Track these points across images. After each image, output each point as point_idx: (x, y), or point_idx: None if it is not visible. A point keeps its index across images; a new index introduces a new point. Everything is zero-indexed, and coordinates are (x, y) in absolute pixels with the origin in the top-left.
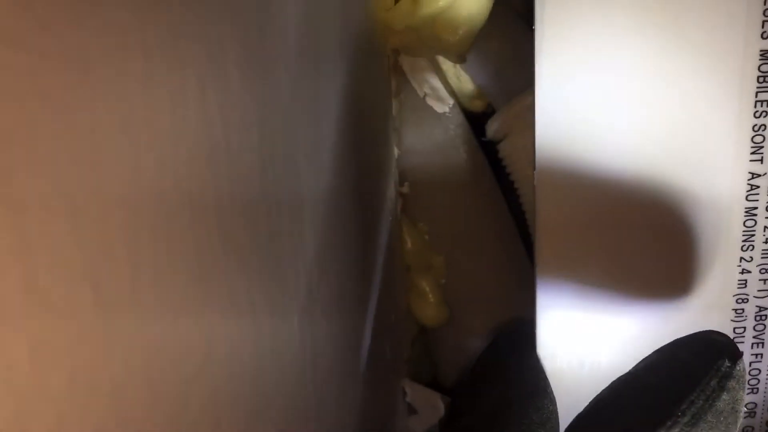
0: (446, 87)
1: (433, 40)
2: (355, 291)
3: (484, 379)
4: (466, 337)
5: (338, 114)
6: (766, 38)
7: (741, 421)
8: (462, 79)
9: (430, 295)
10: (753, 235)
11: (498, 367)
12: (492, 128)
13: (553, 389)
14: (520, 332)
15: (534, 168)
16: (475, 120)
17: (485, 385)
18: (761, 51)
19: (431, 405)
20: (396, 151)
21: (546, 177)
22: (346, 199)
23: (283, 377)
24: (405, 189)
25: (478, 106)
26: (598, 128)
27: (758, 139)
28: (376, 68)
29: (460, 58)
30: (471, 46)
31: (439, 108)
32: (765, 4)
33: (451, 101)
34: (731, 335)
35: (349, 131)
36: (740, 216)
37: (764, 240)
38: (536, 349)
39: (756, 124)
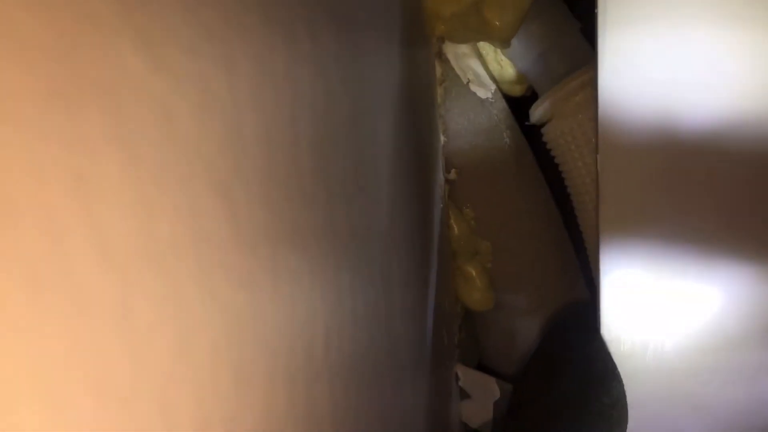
0: (489, 73)
1: (479, 26)
2: (418, 274)
3: (550, 366)
4: (513, 321)
5: (393, 103)
6: None
7: None
8: (503, 64)
9: (477, 280)
10: None
11: (563, 354)
12: (536, 113)
13: None
14: (579, 316)
15: (596, 138)
16: (517, 105)
17: (552, 372)
18: None
19: (485, 389)
20: (442, 138)
21: (610, 145)
22: (405, 185)
23: (371, 346)
24: (452, 175)
25: (518, 90)
26: (663, 94)
27: None
28: (424, 56)
29: (505, 44)
30: (517, 30)
31: (483, 94)
32: None
33: (493, 87)
34: None
35: (404, 120)
36: None
37: None
38: (600, 331)
39: None
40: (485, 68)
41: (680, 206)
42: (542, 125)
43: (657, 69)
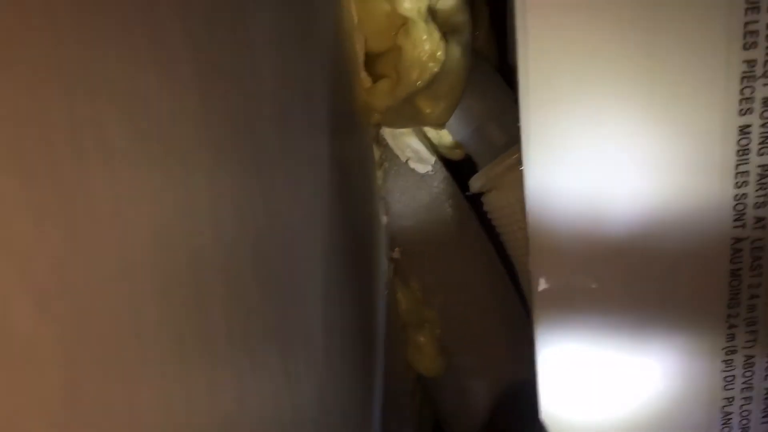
0: (425, 142)
1: (414, 115)
2: (361, 352)
3: None
4: (465, 382)
5: (330, 191)
6: (743, 114)
7: None
8: (441, 133)
9: (427, 347)
10: (738, 294)
11: None
12: (476, 185)
13: None
14: (522, 397)
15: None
16: (459, 173)
17: None
18: (739, 127)
19: None
20: (384, 219)
21: (539, 236)
22: (342, 272)
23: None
24: (396, 254)
25: (458, 154)
26: (590, 182)
27: (740, 207)
28: (360, 144)
29: (440, 126)
30: (451, 115)
31: (422, 169)
32: (741, 83)
33: (433, 159)
34: (722, 384)
35: (340, 208)
36: (726, 277)
37: (748, 297)
38: (539, 415)
39: (737, 194)
40: (424, 137)
41: (609, 284)
42: (483, 194)
43: (581, 151)
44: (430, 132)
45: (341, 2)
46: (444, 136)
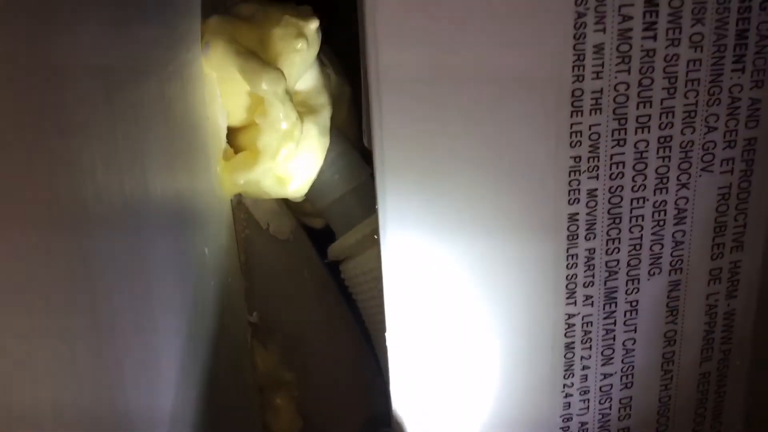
0: (285, 209)
1: (273, 188)
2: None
3: None
4: None
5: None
6: (572, 204)
7: None
8: (302, 201)
9: (284, 410)
10: (572, 365)
11: None
12: (333, 253)
13: None
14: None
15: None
16: (319, 241)
17: None
18: (569, 215)
19: None
20: (245, 284)
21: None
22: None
23: None
24: (254, 318)
25: (318, 223)
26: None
27: (571, 286)
28: (221, 217)
29: (299, 198)
30: (308, 186)
31: (282, 236)
32: (569, 176)
33: (293, 226)
34: None
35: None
36: (561, 350)
37: (581, 368)
38: None
39: (569, 275)
40: (285, 205)
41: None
42: (340, 262)
43: (432, 223)
44: (291, 201)
45: (205, 84)
46: (305, 205)
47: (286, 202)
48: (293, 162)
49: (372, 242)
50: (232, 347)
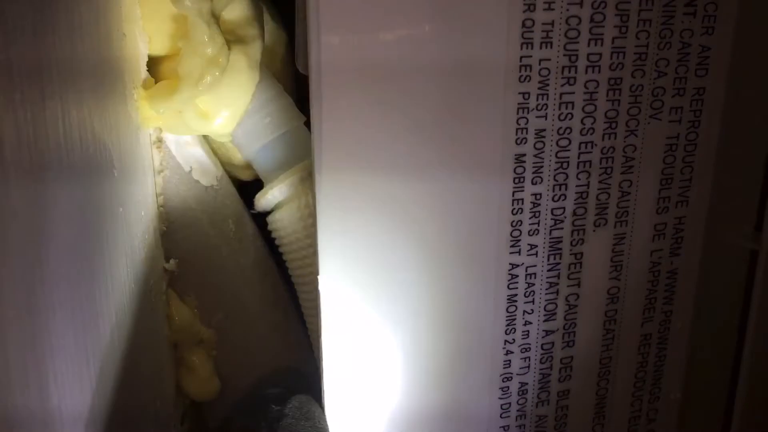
0: (213, 158)
1: (195, 122)
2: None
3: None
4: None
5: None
6: (519, 144)
7: None
8: (230, 149)
9: (200, 370)
10: (514, 320)
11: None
12: (260, 202)
13: None
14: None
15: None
16: (246, 189)
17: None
18: (516, 155)
19: None
20: (162, 228)
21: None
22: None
23: None
24: (171, 265)
25: (247, 175)
26: (378, 200)
27: (516, 233)
28: (136, 148)
29: (225, 137)
30: (235, 124)
31: (206, 181)
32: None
33: (219, 173)
34: (499, 411)
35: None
36: (503, 303)
37: (523, 323)
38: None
39: (514, 221)
40: (211, 153)
41: (390, 305)
42: (268, 213)
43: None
44: (220, 150)
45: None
46: (233, 155)
47: (213, 150)
48: (218, 94)
49: (301, 191)
50: (143, 295)
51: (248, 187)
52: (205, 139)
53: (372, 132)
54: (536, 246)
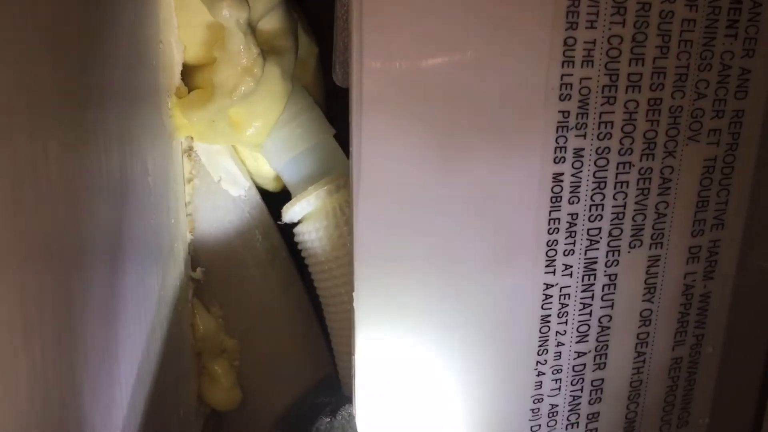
0: (242, 168)
1: (228, 131)
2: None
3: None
4: (258, 420)
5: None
6: (557, 163)
7: None
8: (259, 160)
9: (223, 379)
10: (547, 340)
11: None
12: (287, 214)
13: None
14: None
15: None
16: (274, 200)
17: None
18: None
19: None
20: (189, 236)
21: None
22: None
23: None
24: (197, 274)
25: (275, 186)
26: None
27: (551, 253)
28: (168, 155)
29: (256, 148)
30: (267, 135)
31: (235, 192)
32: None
33: (247, 184)
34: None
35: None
36: (536, 323)
37: (555, 344)
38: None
39: (550, 240)
40: (241, 162)
41: (426, 316)
42: (295, 225)
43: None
44: (249, 160)
45: (160, 7)
46: (262, 166)
47: (242, 161)
48: (251, 104)
49: (329, 203)
50: (171, 302)
51: (274, 198)
52: (235, 149)
53: (411, 150)
54: (571, 266)
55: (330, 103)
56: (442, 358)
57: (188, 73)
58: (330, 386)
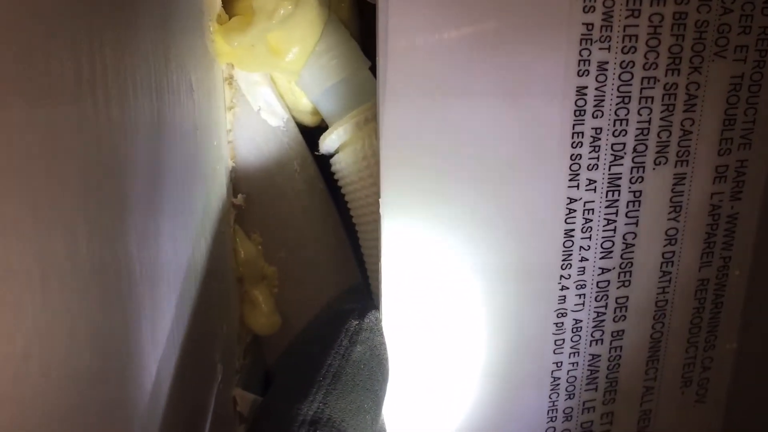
0: (281, 101)
1: (267, 57)
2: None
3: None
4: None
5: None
6: (581, 76)
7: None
8: (297, 94)
9: (263, 305)
10: (570, 255)
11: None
12: (325, 143)
13: None
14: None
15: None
16: (310, 134)
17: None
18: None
19: None
20: (231, 163)
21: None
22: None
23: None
24: (239, 200)
25: (312, 120)
26: (439, 136)
27: (575, 167)
28: (210, 80)
29: (293, 75)
30: (305, 64)
31: (274, 122)
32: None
33: (285, 115)
34: (552, 347)
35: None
36: (560, 237)
37: (579, 259)
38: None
39: (573, 154)
40: (279, 96)
41: (454, 240)
42: (332, 155)
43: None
44: (287, 94)
45: None
46: (300, 99)
47: (281, 95)
48: (290, 29)
49: (365, 132)
50: (214, 225)
51: (311, 134)
52: (274, 83)
53: (435, 60)
54: (595, 181)
55: (365, 42)
56: (467, 258)
57: (229, 1)
58: (358, 295)
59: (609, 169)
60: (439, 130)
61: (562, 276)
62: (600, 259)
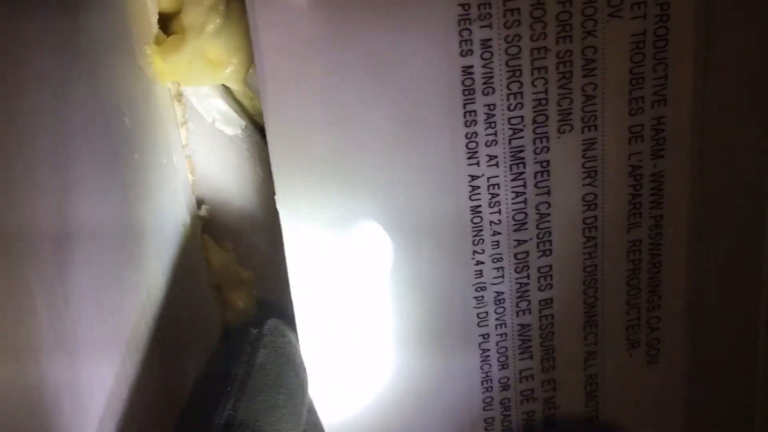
0: (238, 108)
1: (208, 72)
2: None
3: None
4: None
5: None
6: (464, 56)
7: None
8: (254, 99)
9: (245, 310)
10: (481, 230)
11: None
12: None
13: None
14: None
15: None
16: None
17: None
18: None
19: None
20: (190, 178)
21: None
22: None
23: None
24: (203, 212)
25: None
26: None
27: (472, 145)
28: (150, 101)
29: (240, 84)
30: (248, 68)
31: (230, 131)
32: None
33: (243, 123)
34: (476, 320)
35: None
36: (467, 214)
37: (491, 233)
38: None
39: (468, 132)
40: (236, 103)
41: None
42: None
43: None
44: (244, 99)
45: None
46: (257, 103)
47: (241, 101)
48: (223, 41)
49: None
50: (177, 238)
51: None
52: (228, 90)
53: (313, 47)
54: (496, 156)
55: None
56: (376, 222)
57: (164, 21)
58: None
59: (509, 143)
60: (328, 123)
61: (475, 251)
62: (514, 231)
